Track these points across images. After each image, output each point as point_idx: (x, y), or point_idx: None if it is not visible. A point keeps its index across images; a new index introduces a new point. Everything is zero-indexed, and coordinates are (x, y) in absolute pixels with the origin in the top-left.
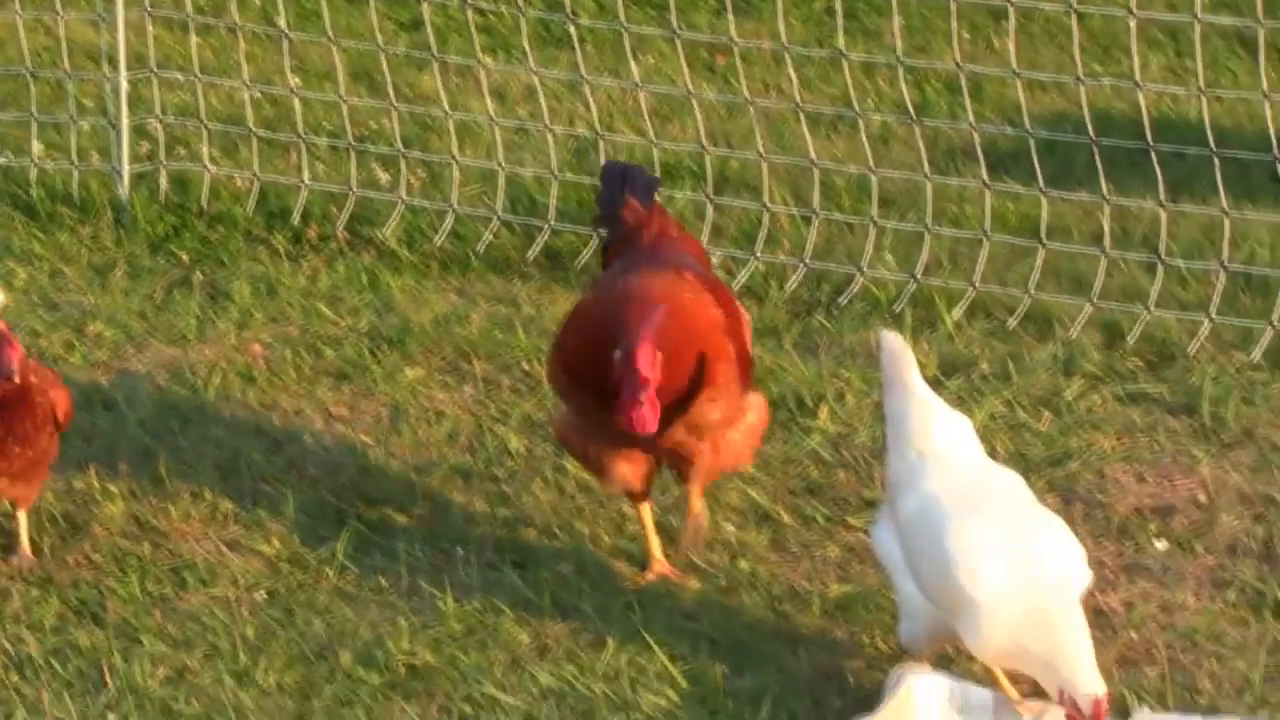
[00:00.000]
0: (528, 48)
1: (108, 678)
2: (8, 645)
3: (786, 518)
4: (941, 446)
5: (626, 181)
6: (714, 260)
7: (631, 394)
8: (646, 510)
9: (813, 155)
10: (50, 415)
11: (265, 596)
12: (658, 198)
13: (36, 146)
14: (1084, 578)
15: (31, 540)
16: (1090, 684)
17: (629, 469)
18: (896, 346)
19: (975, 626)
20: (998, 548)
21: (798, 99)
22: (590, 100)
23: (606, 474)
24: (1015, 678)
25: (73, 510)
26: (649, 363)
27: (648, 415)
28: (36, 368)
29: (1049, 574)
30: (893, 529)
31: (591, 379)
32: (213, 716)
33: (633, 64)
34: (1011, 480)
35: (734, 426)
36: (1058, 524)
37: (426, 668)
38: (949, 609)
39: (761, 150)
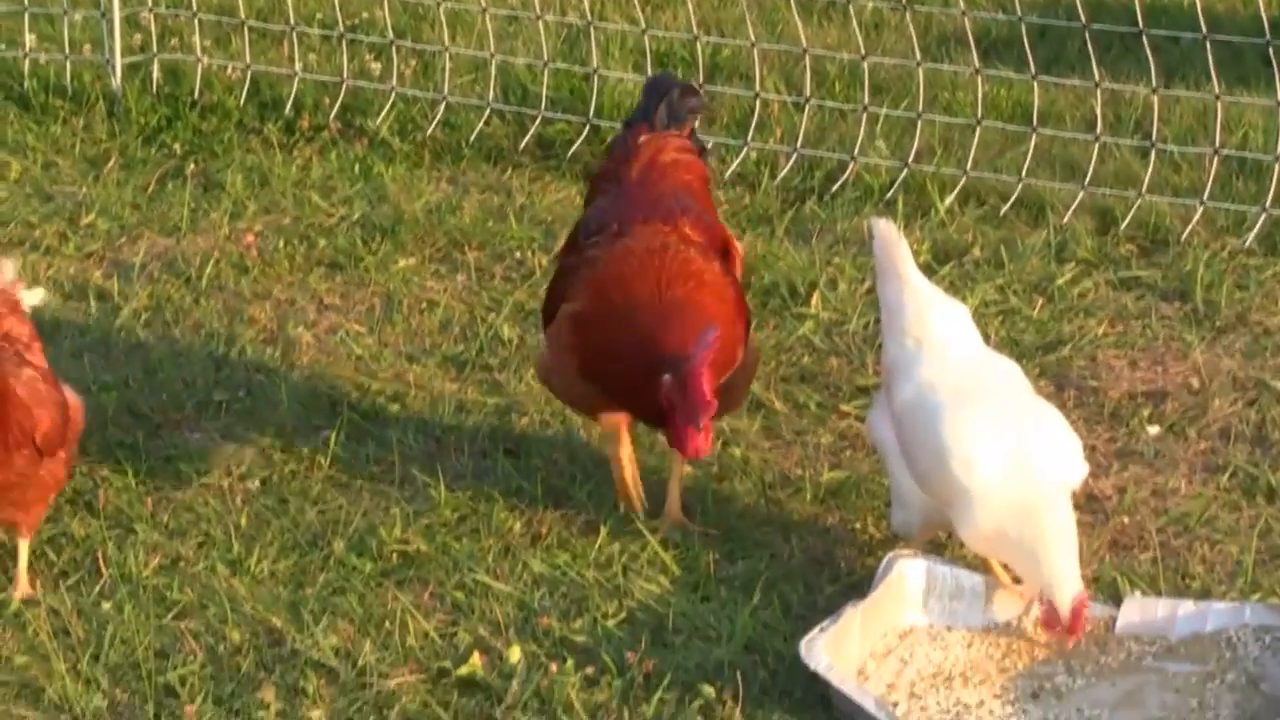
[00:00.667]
0: None
1: (102, 566)
2: (2, 536)
3: (778, 404)
4: (938, 335)
5: (663, 97)
6: (707, 147)
7: (690, 420)
8: (628, 453)
9: (804, 42)
10: (27, 437)
11: (258, 485)
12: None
13: (29, 38)
14: (1079, 471)
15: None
16: (1070, 589)
17: (617, 416)
18: (889, 234)
19: (967, 516)
20: (993, 438)
21: None
22: None
23: (595, 418)
24: (1005, 563)
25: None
26: (711, 390)
27: (707, 441)
28: (34, 380)
29: (1043, 466)
30: (888, 416)
31: (620, 388)
32: (206, 604)
33: None
34: (1009, 370)
35: (730, 376)
36: (1055, 415)
37: (419, 555)
38: (942, 498)
39: (753, 37)
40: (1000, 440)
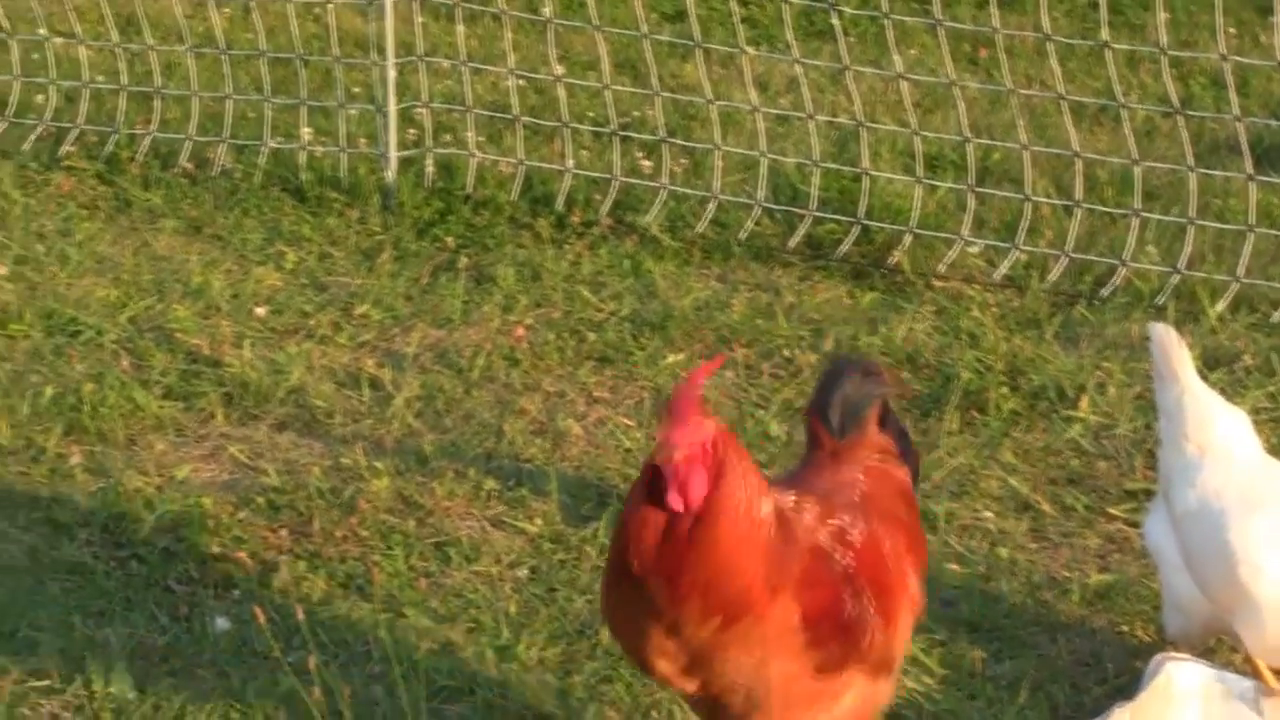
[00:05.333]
0: (791, 39)
1: (373, 649)
2: (276, 616)
3: (1046, 506)
4: (1221, 441)
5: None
6: (976, 249)
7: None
8: None
9: (1075, 146)
10: None
11: (528, 573)
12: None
13: (306, 131)
14: None
15: (299, 513)
16: None
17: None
18: (1168, 339)
19: (1258, 624)
20: None
21: (1061, 90)
22: (853, 90)
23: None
24: (1277, 669)
25: (340, 486)
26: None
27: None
28: None
29: None
30: (1166, 522)
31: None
32: (476, 689)
33: (895, 55)
34: None
35: (812, 708)
36: None
37: None
38: (1228, 606)
39: (1024, 141)
40: None
